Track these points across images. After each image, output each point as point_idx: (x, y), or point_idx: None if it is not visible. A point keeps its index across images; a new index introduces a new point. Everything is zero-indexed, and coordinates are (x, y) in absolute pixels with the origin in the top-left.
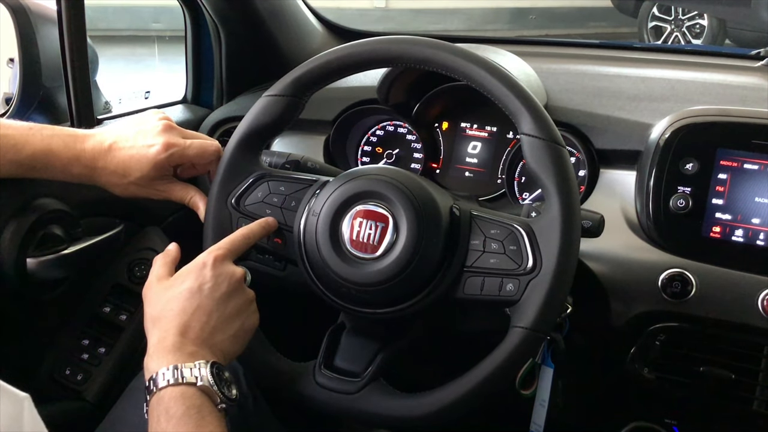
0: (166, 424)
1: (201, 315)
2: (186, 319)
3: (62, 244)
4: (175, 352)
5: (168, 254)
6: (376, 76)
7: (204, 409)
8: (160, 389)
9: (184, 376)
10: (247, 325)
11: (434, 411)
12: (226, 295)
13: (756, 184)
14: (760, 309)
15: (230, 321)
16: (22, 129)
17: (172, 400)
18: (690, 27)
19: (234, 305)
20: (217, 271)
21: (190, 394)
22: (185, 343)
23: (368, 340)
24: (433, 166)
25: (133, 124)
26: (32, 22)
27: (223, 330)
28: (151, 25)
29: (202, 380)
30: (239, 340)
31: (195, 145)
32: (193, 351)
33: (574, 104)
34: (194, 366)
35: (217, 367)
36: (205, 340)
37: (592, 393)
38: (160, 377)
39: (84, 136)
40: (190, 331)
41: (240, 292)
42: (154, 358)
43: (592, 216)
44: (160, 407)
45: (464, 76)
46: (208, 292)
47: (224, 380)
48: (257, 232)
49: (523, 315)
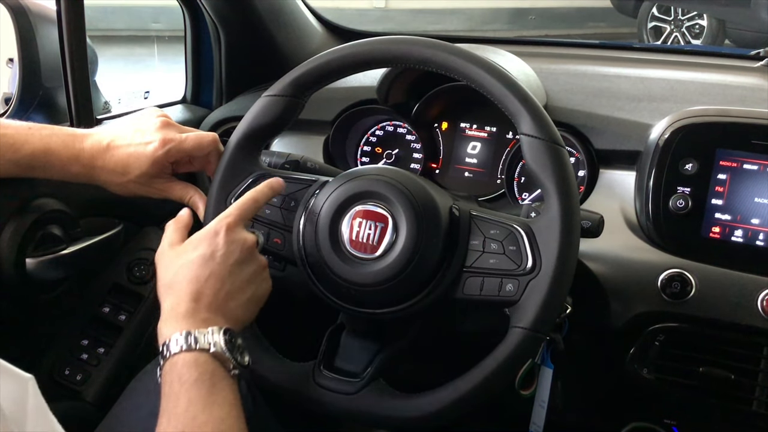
0: (179, 389)
1: (214, 282)
2: (199, 287)
3: (61, 245)
4: (189, 318)
5: (180, 220)
6: (376, 77)
7: (216, 375)
8: (173, 355)
9: (198, 342)
10: (260, 291)
11: (434, 411)
12: (238, 262)
13: (755, 184)
14: (759, 309)
15: (243, 288)
16: (21, 128)
17: (185, 366)
18: (689, 27)
19: (247, 272)
20: (229, 238)
21: (203, 360)
22: (198, 310)
23: (368, 341)
24: (433, 166)
25: (130, 123)
26: (32, 22)
27: (236, 297)
28: (151, 25)
29: (215, 346)
30: (252, 306)
31: (191, 138)
32: (207, 317)
33: (574, 104)
34: (207, 332)
35: (230, 333)
36: (218, 306)
37: (592, 393)
38: (173, 343)
39: (82, 136)
40: (203, 298)
41: (253, 259)
42: (168, 323)
43: (591, 216)
44: (173, 373)
45: (464, 77)
46: (221, 259)
47: (237, 347)
48: (266, 193)
49: (523, 315)
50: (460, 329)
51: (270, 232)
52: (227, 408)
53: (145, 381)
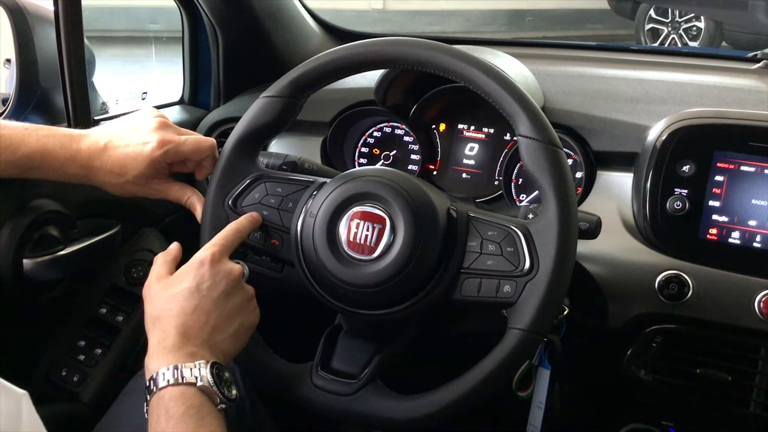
0: (166, 423)
1: (200, 315)
2: (185, 320)
3: (59, 245)
4: (176, 352)
5: (168, 253)
6: (374, 78)
7: (204, 409)
8: (160, 389)
9: (184, 376)
10: (247, 322)
11: (431, 413)
12: (224, 294)
13: (752, 186)
14: (756, 311)
15: (230, 319)
16: (18, 129)
17: (172, 400)
18: (687, 29)
19: (233, 303)
20: (214, 270)
21: (190, 394)
22: (185, 344)
23: (365, 342)
24: (431, 167)
25: (128, 123)
26: (29, 23)
27: (222, 329)
28: (149, 26)
29: (202, 380)
30: (239, 338)
31: (190, 141)
32: (193, 351)
33: (571, 106)
34: (194, 366)
35: (217, 367)
36: (205, 339)
37: (589, 395)
38: (161, 377)
39: (80, 136)
40: (189, 331)
41: (239, 290)
42: (155, 358)
43: (589, 218)
44: (160, 407)
45: (461, 78)
46: (207, 291)
47: (224, 380)
48: (246, 226)
49: (521, 316)
50: (457, 331)
51: (267, 233)
52: None
53: (142, 382)
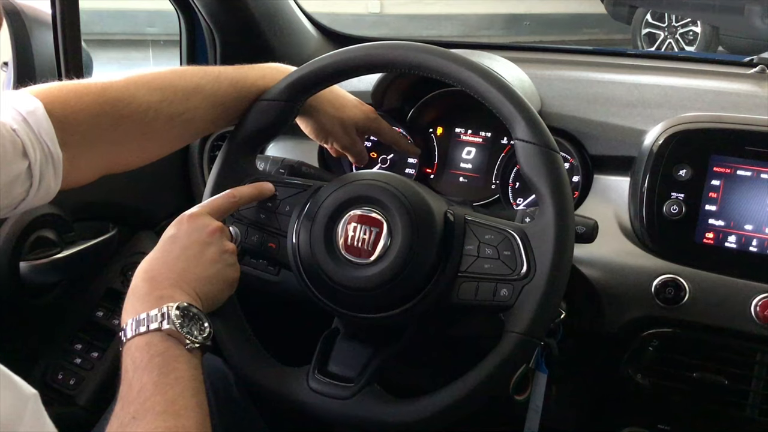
0: (133, 374)
1: (167, 258)
2: (152, 265)
3: (55, 248)
4: (144, 300)
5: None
6: (371, 81)
7: (168, 355)
8: (128, 340)
9: (149, 324)
10: (226, 274)
11: (428, 416)
12: (198, 243)
13: (749, 190)
14: (752, 315)
15: (205, 266)
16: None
17: (138, 350)
18: (683, 34)
19: (209, 253)
20: (191, 224)
21: (156, 341)
22: (152, 289)
23: (362, 345)
24: (428, 171)
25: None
26: (27, 26)
27: (195, 271)
28: (146, 30)
29: (168, 323)
30: (218, 285)
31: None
32: (161, 294)
33: (568, 110)
34: (158, 311)
35: (183, 307)
36: (175, 280)
37: (586, 398)
38: (129, 328)
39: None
40: (157, 276)
41: (216, 241)
42: (126, 310)
43: (585, 222)
44: (128, 358)
45: (458, 82)
46: (180, 241)
47: (193, 318)
48: (250, 193)
49: (517, 320)
50: (454, 334)
51: (264, 237)
52: (180, 388)
53: None
